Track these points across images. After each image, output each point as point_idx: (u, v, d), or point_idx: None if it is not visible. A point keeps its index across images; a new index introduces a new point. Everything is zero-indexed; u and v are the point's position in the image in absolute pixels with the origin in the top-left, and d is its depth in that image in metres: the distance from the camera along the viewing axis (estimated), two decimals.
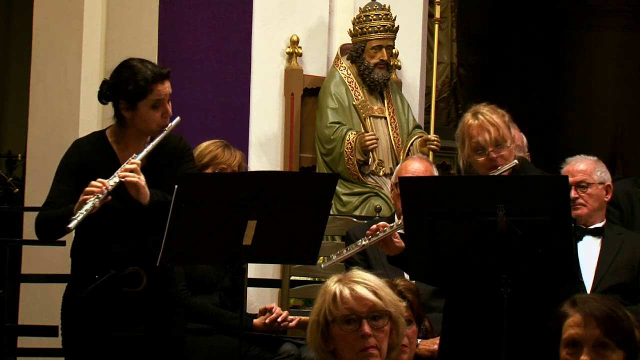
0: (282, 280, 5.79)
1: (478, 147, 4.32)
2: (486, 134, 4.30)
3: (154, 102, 4.07)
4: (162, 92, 4.08)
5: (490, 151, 4.30)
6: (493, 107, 4.40)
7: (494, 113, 4.36)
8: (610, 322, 2.77)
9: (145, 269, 4.04)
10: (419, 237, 3.99)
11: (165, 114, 4.10)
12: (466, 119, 4.39)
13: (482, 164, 4.32)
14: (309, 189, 4.00)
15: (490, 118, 4.32)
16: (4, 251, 6.27)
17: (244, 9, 6.84)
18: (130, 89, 4.06)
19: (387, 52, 6.74)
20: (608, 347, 2.77)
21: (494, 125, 4.31)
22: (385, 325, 3.06)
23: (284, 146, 6.85)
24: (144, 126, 4.09)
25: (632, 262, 4.90)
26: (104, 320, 4.05)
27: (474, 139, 4.31)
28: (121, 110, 4.11)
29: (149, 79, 4.06)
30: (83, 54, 6.78)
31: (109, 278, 4.03)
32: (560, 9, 12.50)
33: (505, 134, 4.33)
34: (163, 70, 4.12)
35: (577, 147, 7.45)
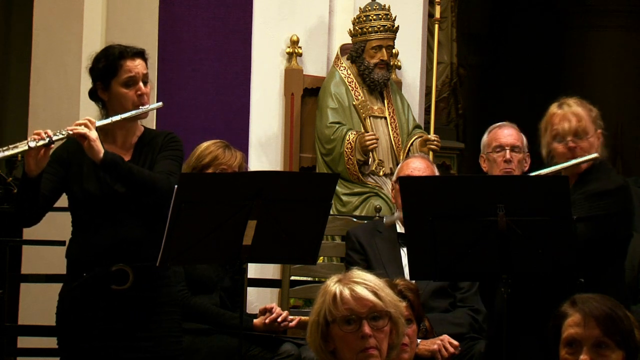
0: (282, 280, 5.79)
1: (558, 135, 4.32)
2: (566, 123, 4.30)
3: (125, 80, 4.09)
4: (133, 69, 4.11)
5: (568, 140, 4.30)
6: (581, 100, 4.42)
7: (580, 105, 4.37)
8: (609, 322, 2.77)
9: (131, 267, 4.03)
10: (419, 237, 3.99)
11: (140, 93, 4.10)
12: (551, 108, 4.42)
13: (560, 153, 4.31)
14: (309, 189, 4.00)
15: (575, 109, 4.34)
16: (4, 251, 6.27)
17: (244, 9, 6.84)
18: (101, 67, 4.13)
19: (387, 52, 6.74)
20: (608, 347, 2.77)
21: (577, 116, 4.31)
22: (385, 325, 3.06)
23: (284, 146, 6.85)
24: (120, 106, 4.09)
25: (632, 262, 4.89)
26: (93, 319, 4.04)
27: (555, 126, 4.33)
28: (99, 93, 4.15)
29: (117, 54, 4.12)
30: (83, 54, 6.78)
31: (95, 275, 4.02)
32: (560, 9, 12.50)
33: (588, 126, 4.33)
34: (135, 48, 4.18)
35: None
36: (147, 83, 4.15)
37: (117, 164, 3.97)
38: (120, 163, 3.98)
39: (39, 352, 6.24)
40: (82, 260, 4.07)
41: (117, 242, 4.02)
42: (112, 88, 4.11)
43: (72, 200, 4.14)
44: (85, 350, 4.05)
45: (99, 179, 4.06)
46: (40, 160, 3.94)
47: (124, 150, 4.13)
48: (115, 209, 4.05)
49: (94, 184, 4.06)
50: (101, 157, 3.95)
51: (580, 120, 4.30)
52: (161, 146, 4.16)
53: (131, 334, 4.05)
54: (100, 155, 3.95)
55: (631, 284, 4.87)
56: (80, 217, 4.13)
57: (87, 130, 3.95)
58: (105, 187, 4.05)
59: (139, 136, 4.18)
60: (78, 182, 4.08)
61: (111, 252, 4.02)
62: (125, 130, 4.14)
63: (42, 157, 3.94)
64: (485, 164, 5.31)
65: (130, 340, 4.04)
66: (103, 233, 4.05)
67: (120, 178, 3.98)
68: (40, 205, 4.06)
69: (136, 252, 4.00)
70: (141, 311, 4.07)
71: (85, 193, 4.06)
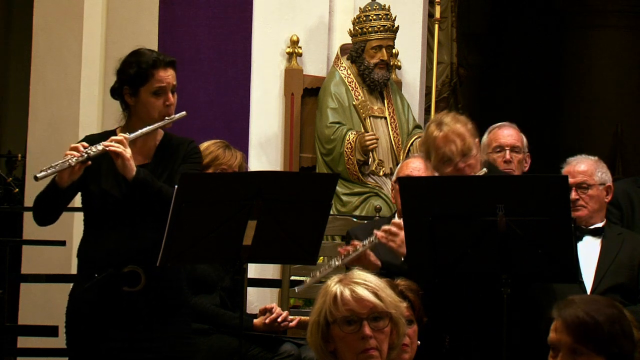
0: (282, 280, 5.79)
1: (445, 158, 4.28)
2: (452, 145, 4.25)
3: (155, 89, 4.08)
4: (164, 79, 4.09)
5: (457, 161, 4.27)
6: (456, 116, 4.36)
7: (458, 122, 4.30)
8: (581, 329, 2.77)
9: (143, 269, 4.03)
10: (419, 238, 3.99)
11: (168, 103, 4.10)
12: (430, 129, 4.33)
13: (450, 174, 4.28)
14: (309, 189, 4.00)
15: (455, 127, 4.27)
16: (4, 251, 6.28)
17: (244, 9, 6.84)
18: (132, 73, 4.09)
19: (387, 52, 6.74)
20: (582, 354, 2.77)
21: (460, 136, 4.26)
22: (385, 326, 3.06)
23: (284, 146, 6.84)
24: (146, 114, 4.08)
25: (632, 262, 4.89)
26: (104, 320, 4.04)
27: (440, 150, 4.27)
28: (125, 97, 4.12)
29: (151, 62, 4.08)
30: (83, 54, 6.79)
31: (107, 276, 4.02)
32: (560, 9, 12.50)
33: (471, 142, 4.29)
34: (167, 57, 4.15)
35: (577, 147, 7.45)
36: (174, 93, 4.14)
37: (148, 184, 3.98)
38: (151, 183, 3.98)
39: (39, 352, 6.24)
40: (94, 261, 4.07)
41: (129, 244, 4.01)
42: (140, 95, 4.09)
43: (87, 198, 4.13)
44: (95, 351, 4.04)
45: (117, 181, 4.05)
46: (73, 174, 3.96)
47: (143, 154, 4.12)
48: (130, 211, 4.04)
49: (113, 184, 4.05)
50: (133, 175, 3.96)
51: (464, 140, 4.27)
52: (183, 157, 4.15)
53: (142, 336, 4.04)
54: (132, 173, 3.96)
55: (631, 284, 4.87)
56: (93, 216, 4.12)
57: (122, 148, 3.95)
58: (123, 189, 4.04)
59: (159, 140, 4.18)
60: (96, 181, 4.07)
61: (123, 254, 4.02)
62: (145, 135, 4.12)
63: (76, 171, 3.95)
64: None
65: (140, 342, 4.04)
66: (116, 234, 4.05)
67: (149, 196, 3.98)
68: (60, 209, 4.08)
69: (148, 254, 3.98)
70: (152, 313, 4.06)
71: (102, 193, 4.05)
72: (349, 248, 4.23)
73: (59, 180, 3.96)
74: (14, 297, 6.70)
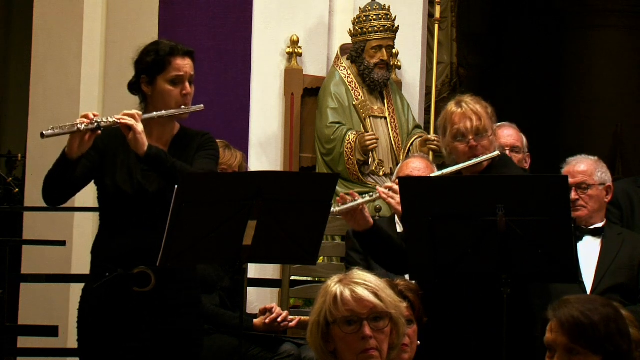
0: (282, 280, 5.79)
1: (459, 134, 4.29)
2: (468, 121, 4.28)
3: (172, 77, 4.08)
4: (182, 67, 4.09)
5: (470, 139, 4.28)
6: (477, 98, 4.40)
7: (478, 103, 4.35)
8: (576, 329, 2.78)
9: (153, 269, 4.02)
10: (419, 238, 3.99)
11: (185, 92, 4.10)
12: (449, 107, 4.38)
13: (462, 152, 4.30)
14: (309, 189, 4.00)
15: (473, 107, 4.32)
16: (4, 251, 6.28)
17: (244, 9, 6.84)
18: (150, 61, 4.10)
19: (387, 52, 6.74)
20: (578, 353, 2.78)
21: (476, 114, 4.30)
22: (385, 326, 3.06)
23: (284, 146, 6.84)
24: (163, 103, 4.07)
25: (632, 262, 4.90)
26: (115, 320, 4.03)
27: (455, 125, 4.30)
28: (142, 87, 4.12)
29: (168, 50, 4.09)
30: (83, 54, 6.79)
31: (117, 277, 4.02)
32: (560, 9, 12.50)
33: (487, 124, 4.32)
34: (185, 47, 4.15)
35: (577, 147, 7.46)
36: (192, 84, 4.14)
37: (161, 158, 3.96)
38: (164, 157, 3.97)
39: (39, 352, 6.24)
40: (106, 260, 4.06)
41: (141, 244, 3.99)
42: (157, 83, 4.10)
43: (102, 194, 4.12)
44: (105, 350, 4.04)
45: (131, 176, 4.05)
46: (83, 144, 3.93)
47: (159, 145, 4.09)
48: (143, 209, 4.02)
49: (126, 179, 4.05)
50: (145, 150, 3.94)
51: (480, 119, 4.29)
52: (198, 146, 4.15)
53: (151, 336, 4.03)
54: (144, 148, 3.93)
55: (631, 284, 4.87)
56: (108, 214, 4.11)
57: (134, 122, 3.93)
58: (136, 184, 4.04)
59: (174, 134, 4.17)
60: (110, 175, 4.06)
61: (134, 255, 4.01)
62: (162, 126, 4.12)
63: (86, 141, 3.93)
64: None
65: (150, 342, 4.03)
66: (128, 235, 4.04)
67: (163, 172, 3.96)
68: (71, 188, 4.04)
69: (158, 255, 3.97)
70: (162, 313, 4.05)
71: (116, 187, 4.04)
72: (347, 197, 4.22)
73: (68, 150, 3.94)
74: (14, 297, 6.70)
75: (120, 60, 6.78)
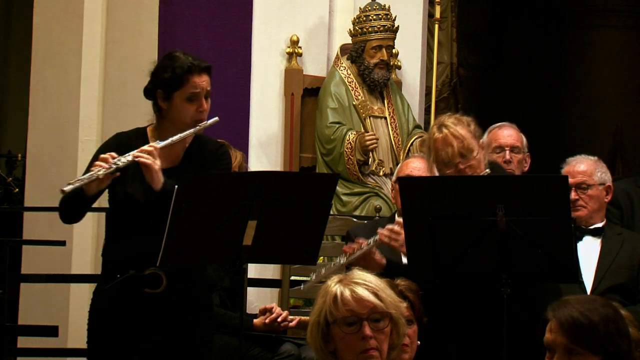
0: (282, 280, 5.79)
1: (444, 160, 4.28)
2: (449, 148, 4.24)
3: (189, 95, 4.06)
4: (199, 84, 4.06)
5: (457, 163, 4.26)
6: (458, 117, 4.34)
7: (459, 124, 4.29)
8: (576, 329, 2.78)
9: (164, 271, 4.01)
10: (419, 238, 3.99)
11: (201, 109, 4.08)
12: (432, 132, 4.34)
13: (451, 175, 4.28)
14: (309, 189, 4.00)
15: (454, 130, 4.26)
16: (4, 251, 6.28)
17: (244, 9, 6.84)
18: (167, 77, 4.06)
19: (387, 52, 6.74)
20: (578, 354, 2.78)
21: (458, 138, 4.25)
22: (385, 326, 3.06)
23: (284, 146, 6.84)
24: (179, 119, 4.06)
25: (632, 262, 4.90)
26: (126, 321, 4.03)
27: (439, 152, 4.27)
28: (158, 101, 4.10)
29: (186, 68, 4.06)
30: (83, 54, 6.78)
31: (128, 278, 4.01)
32: (560, 9, 12.50)
33: (471, 144, 4.27)
34: (202, 63, 4.11)
35: (577, 147, 7.46)
36: (208, 98, 4.12)
37: None
38: None
39: (39, 352, 6.24)
40: (117, 262, 4.06)
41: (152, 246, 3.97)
42: (174, 100, 4.07)
43: (112, 199, 4.12)
44: (116, 352, 4.04)
45: (142, 185, 4.03)
46: (101, 184, 3.95)
47: (172, 157, 4.10)
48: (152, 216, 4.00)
49: (139, 188, 4.04)
50: (160, 187, 3.95)
51: (463, 141, 4.25)
52: (212, 161, 4.14)
53: (162, 337, 4.03)
54: (159, 185, 3.95)
55: (631, 284, 4.87)
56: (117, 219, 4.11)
57: (152, 160, 3.93)
58: (148, 193, 4.02)
59: (188, 143, 4.15)
60: (122, 183, 4.06)
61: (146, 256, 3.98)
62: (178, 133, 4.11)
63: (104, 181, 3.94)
64: None
65: (160, 343, 4.03)
66: (139, 237, 4.03)
67: None
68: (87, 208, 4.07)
69: None
70: (172, 315, 4.05)
71: (127, 197, 4.04)
72: (354, 246, 4.23)
73: (86, 189, 3.95)
74: (14, 297, 6.70)
75: (120, 60, 6.79)
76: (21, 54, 10.37)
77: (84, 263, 6.64)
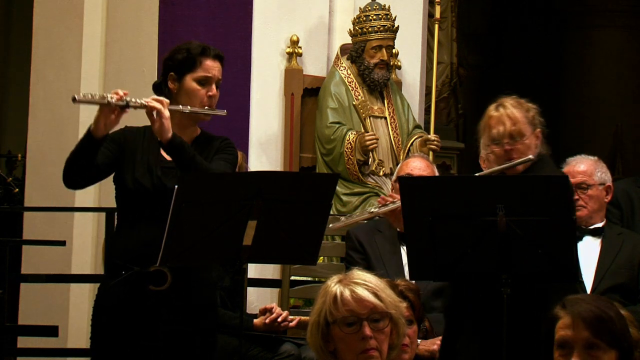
0: (282, 280, 5.79)
1: (494, 138, 4.36)
2: (501, 126, 4.35)
3: (200, 77, 4.11)
4: (211, 69, 4.13)
5: (504, 143, 4.33)
6: (518, 101, 4.45)
7: (517, 107, 4.41)
8: (599, 323, 2.78)
9: (170, 268, 4.01)
10: (419, 237, 3.99)
11: (211, 94, 4.12)
12: (489, 109, 4.45)
13: (497, 154, 4.37)
14: (309, 189, 4.00)
15: (510, 112, 4.38)
16: (4, 251, 6.27)
17: (244, 9, 6.84)
18: (181, 58, 4.13)
19: (387, 52, 6.74)
20: (599, 348, 2.77)
21: (512, 119, 4.36)
22: (385, 326, 3.06)
23: (284, 146, 6.84)
24: (188, 102, 4.08)
25: (632, 262, 4.90)
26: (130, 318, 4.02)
27: (492, 129, 4.37)
28: (169, 84, 4.13)
29: (200, 50, 4.14)
30: (83, 54, 6.78)
31: (133, 275, 4.01)
32: (561, 9, 12.51)
33: (523, 128, 4.37)
34: (217, 50, 4.20)
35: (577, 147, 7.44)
36: (218, 87, 4.17)
37: (184, 147, 3.97)
38: (186, 147, 3.98)
39: (39, 352, 6.24)
40: (122, 258, 4.05)
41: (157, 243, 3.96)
42: (184, 81, 4.12)
43: (121, 191, 4.12)
44: (119, 350, 4.03)
45: (150, 172, 4.05)
46: (109, 123, 3.94)
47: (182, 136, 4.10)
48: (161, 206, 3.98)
49: (146, 175, 4.05)
50: (169, 137, 3.94)
51: (515, 124, 4.35)
52: (217, 149, 4.16)
53: (167, 334, 4.02)
54: (169, 134, 3.94)
55: (631, 284, 4.87)
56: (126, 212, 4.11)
57: (162, 107, 3.95)
58: (156, 179, 4.04)
59: (195, 137, 4.17)
60: (130, 172, 4.07)
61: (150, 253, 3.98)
62: (184, 128, 4.12)
63: (113, 120, 3.94)
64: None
65: (165, 341, 4.03)
66: (145, 232, 4.02)
67: (182, 162, 3.97)
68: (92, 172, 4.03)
69: None
70: (177, 313, 4.04)
71: (136, 183, 4.05)
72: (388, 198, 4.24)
73: (94, 127, 3.92)
74: (14, 297, 6.70)
75: (120, 60, 6.79)
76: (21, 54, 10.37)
77: (84, 263, 6.64)
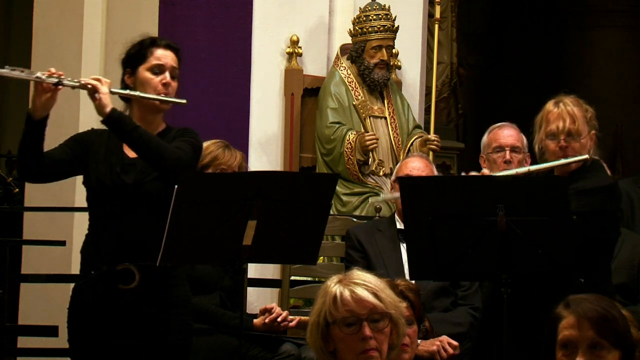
0: (282, 280, 5.79)
1: (551, 133, 4.37)
2: (561, 122, 4.36)
3: (153, 66, 4.10)
4: (162, 58, 4.11)
5: (561, 139, 4.34)
6: (578, 100, 4.46)
7: (576, 105, 4.41)
8: (603, 322, 2.77)
9: (137, 266, 4.01)
10: (419, 237, 3.99)
11: (165, 82, 4.10)
12: (548, 104, 4.46)
13: (552, 151, 4.37)
14: (309, 189, 4.00)
15: (570, 109, 4.38)
16: (4, 251, 6.28)
17: (244, 9, 6.84)
18: (133, 52, 4.14)
19: (387, 52, 6.74)
20: (603, 348, 2.77)
21: (571, 116, 4.36)
22: (385, 327, 3.06)
23: (284, 146, 6.84)
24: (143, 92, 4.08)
25: (632, 262, 4.90)
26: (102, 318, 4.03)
27: (550, 125, 4.38)
28: (125, 81, 4.15)
29: (149, 42, 4.14)
30: (83, 54, 6.78)
31: (101, 274, 4.01)
32: (561, 9, 12.51)
33: (581, 127, 4.37)
34: (169, 41, 4.19)
35: None
36: (175, 78, 4.14)
37: (124, 120, 3.97)
38: (127, 120, 3.98)
39: (39, 352, 6.24)
40: (91, 258, 4.07)
41: (123, 240, 3.98)
42: (138, 73, 4.12)
43: (88, 191, 4.13)
44: (94, 349, 4.03)
45: (111, 169, 4.05)
46: (46, 102, 3.96)
47: None
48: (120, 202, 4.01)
49: (106, 172, 4.05)
50: (107, 112, 3.94)
51: (575, 121, 4.34)
52: (174, 136, 4.13)
53: (139, 333, 4.03)
54: (107, 109, 3.94)
55: (631, 284, 4.87)
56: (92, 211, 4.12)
57: (98, 84, 3.96)
58: (114, 176, 4.03)
59: (159, 130, 4.16)
60: (94, 171, 4.07)
61: (117, 251, 4.00)
62: (147, 122, 4.10)
63: (48, 99, 3.96)
64: (485, 164, 5.31)
65: (137, 340, 4.03)
66: (110, 231, 4.03)
67: (125, 136, 3.96)
68: (45, 162, 4.04)
69: (141, 251, 3.98)
70: (149, 310, 4.04)
71: (97, 181, 4.05)
72: None
73: (32, 109, 3.96)
74: (14, 297, 6.70)
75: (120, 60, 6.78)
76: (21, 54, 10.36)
77: None
